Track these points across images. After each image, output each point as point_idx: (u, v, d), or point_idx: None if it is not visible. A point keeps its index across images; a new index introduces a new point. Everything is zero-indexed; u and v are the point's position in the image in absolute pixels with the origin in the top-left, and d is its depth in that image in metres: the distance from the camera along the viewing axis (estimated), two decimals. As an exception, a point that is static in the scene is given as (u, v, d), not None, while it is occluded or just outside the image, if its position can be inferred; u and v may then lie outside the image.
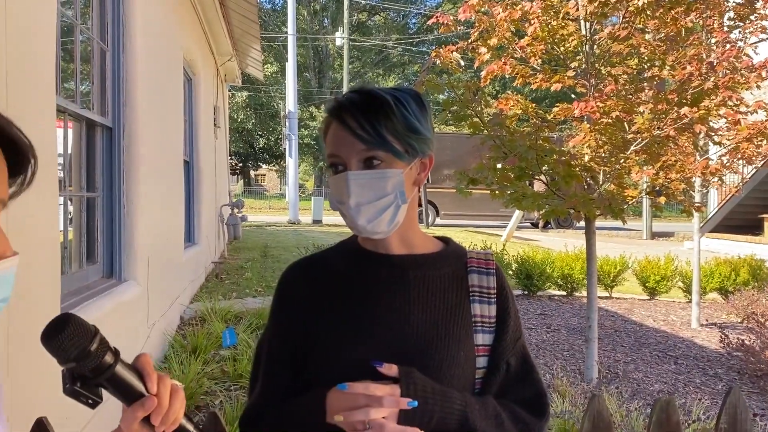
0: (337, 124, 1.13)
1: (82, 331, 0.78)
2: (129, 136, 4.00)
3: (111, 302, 3.41)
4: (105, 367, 0.78)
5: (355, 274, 1.20)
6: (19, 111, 2.22)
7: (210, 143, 8.23)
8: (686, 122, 4.22)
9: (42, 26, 2.46)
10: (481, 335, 1.18)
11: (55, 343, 0.76)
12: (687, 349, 5.73)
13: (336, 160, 1.14)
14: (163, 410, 0.83)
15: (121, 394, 0.81)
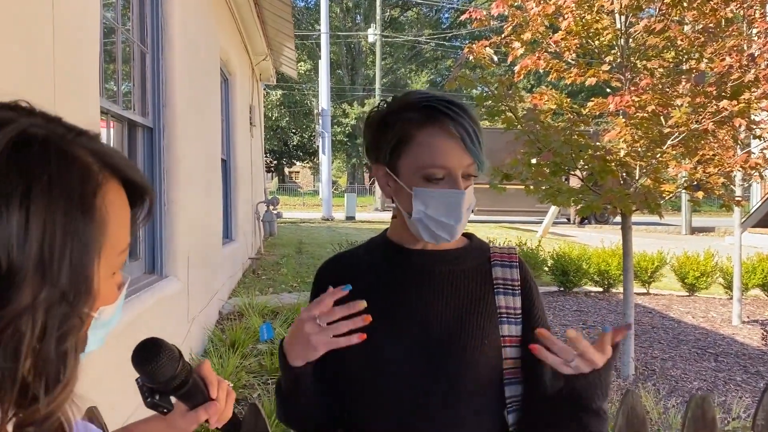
0: (442, 131, 1.12)
1: (172, 357, 0.84)
2: (169, 136, 4.10)
3: (153, 297, 3.51)
4: (184, 385, 0.86)
5: (385, 268, 1.25)
6: (66, 112, 2.31)
7: (246, 142, 8.36)
8: (725, 116, 4.15)
9: (87, 31, 2.56)
10: (507, 326, 1.22)
11: (148, 369, 0.83)
12: (727, 347, 5.62)
13: (439, 172, 1.13)
14: (221, 412, 0.91)
15: (189, 401, 0.89)
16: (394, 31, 40.54)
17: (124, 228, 0.65)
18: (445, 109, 1.12)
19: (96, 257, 0.59)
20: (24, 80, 1.99)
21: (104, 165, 0.62)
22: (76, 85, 2.42)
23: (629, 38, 4.56)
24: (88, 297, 0.58)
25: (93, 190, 0.59)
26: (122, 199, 0.65)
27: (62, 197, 0.56)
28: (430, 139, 1.12)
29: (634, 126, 4.33)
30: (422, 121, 1.13)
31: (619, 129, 4.37)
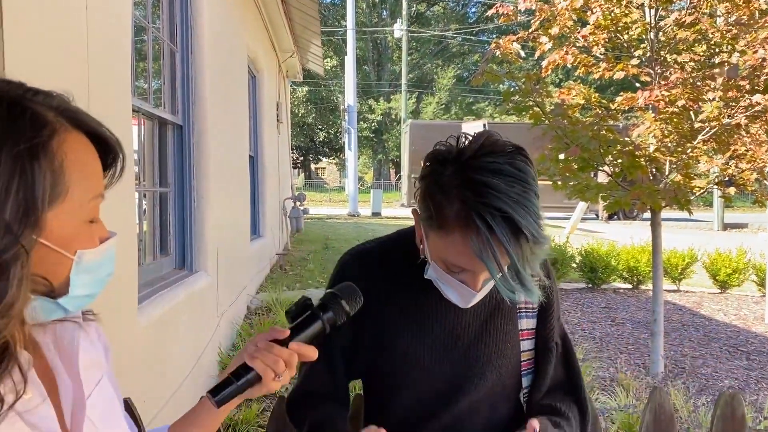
0: (477, 240, 0.99)
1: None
2: (198, 133, 4.16)
3: (184, 292, 3.57)
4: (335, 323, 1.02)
5: (411, 268, 1.23)
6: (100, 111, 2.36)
7: (273, 138, 8.43)
8: (758, 110, 4.07)
9: (120, 30, 2.61)
10: (525, 320, 1.25)
11: (355, 301, 1.03)
12: (760, 345, 5.52)
13: (459, 271, 1.09)
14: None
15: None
16: (421, 26, 40.43)
17: (92, 177, 0.73)
18: (493, 227, 0.97)
19: (52, 198, 0.65)
20: (58, 79, 2.04)
21: (64, 117, 0.70)
22: (109, 84, 2.47)
23: (659, 32, 4.50)
24: (35, 229, 0.64)
25: (47, 135, 0.66)
26: (87, 149, 0.73)
27: (10, 140, 0.63)
28: (463, 241, 1.02)
29: (663, 121, 4.27)
30: (463, 220, 1.01)
31: (649, 124, 4.32)
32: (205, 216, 4.17)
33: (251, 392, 0.94)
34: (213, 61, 4.44)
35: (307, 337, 0.97)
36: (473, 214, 0.97)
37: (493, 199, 0.96)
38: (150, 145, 3.83)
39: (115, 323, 2.50)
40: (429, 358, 1.20)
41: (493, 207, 0.96)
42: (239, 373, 0.93)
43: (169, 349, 3.29)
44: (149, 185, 3.85)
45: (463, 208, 0.99)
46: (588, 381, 4.27)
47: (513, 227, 0.96)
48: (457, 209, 1.00)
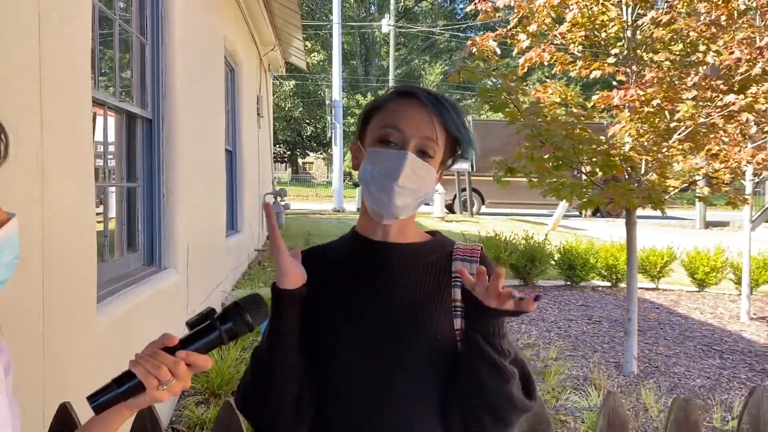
0: (408, 101, 1.17)
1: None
2: (168, 127, 4.09)
3: (149, 289, 3.50)
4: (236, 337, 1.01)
5: (350, 263, 1.25)
6: (54, 103, 2.30)
7: (253, 132, 8.35)
8: (733, 110, 4.06)
9: (77, 19, 2.54)
10: (460, 320, 1.19)
11: (259, 314, 1.01)
12: (734, 343, 5.55)
13: (392, 134, 1.16)
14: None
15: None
16: (408, 21, 40.33)
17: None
18: (420, 90, 1.17)
19: None
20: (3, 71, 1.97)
21: None
22: (65, 76, 2.41)
23: (636, 30, 4.49)
24: None
25: None
26: None
27: None
28: (394, 105, 1.17)
29: (639, 120, 4.26)
30: (396, 96, 1.19)
31: (624, 123, 4.31)
32: (175, 211, 4.10)
33: (136, 402, 0.91)
34: (186, 54, 4.37)
35: (201, 347, 0.95)
36: (410, 88, 1.19)
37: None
38: (118, 140, 3.76)
39: (71, 322, 2.45)
40: (360, 352, 1.18)
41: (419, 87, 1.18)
42: (122, 379, 0.90)
43: (132, 349, 3.21)
44: (117, 180, 3.78)
45: (398, 90, 1.20)
46: (561, 380, 4.26)
47: (438, 94, 1.18)
48: (393, 93, 1.21)
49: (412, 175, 1.13)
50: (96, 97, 3.05)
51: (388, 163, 1.13)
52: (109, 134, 3.73)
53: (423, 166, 1.14)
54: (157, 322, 3.70)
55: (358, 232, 1.29)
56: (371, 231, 1.25)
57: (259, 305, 1.01)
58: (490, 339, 1.10)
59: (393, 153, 1.13)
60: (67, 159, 2.42)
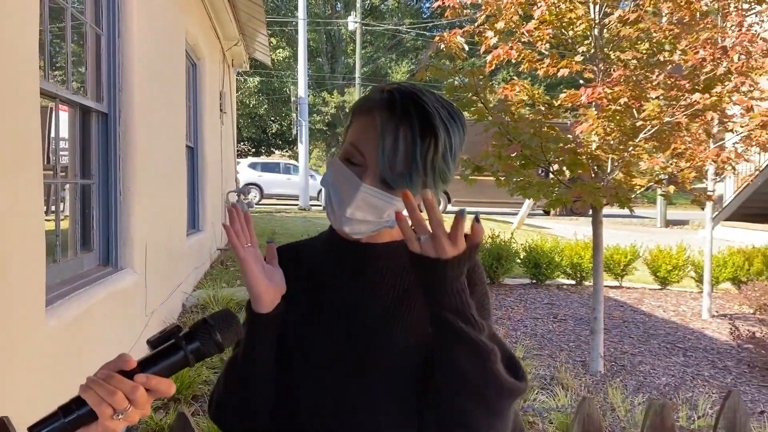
0: (382, 120, 1.01)
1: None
2: (125, 122, 3.93)
3: (105, 290, 3.36)
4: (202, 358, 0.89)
5: (324, 264, 1.18)
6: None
7: (216, 129, 8.16)
8: (698, 109, 4.08)
9: (23, 9, 2.39)
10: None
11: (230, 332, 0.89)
12: (696, 341, 5.61)
13: (355, 156, 1.04)
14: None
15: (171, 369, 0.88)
16: (375, 19, 40.24)
17: None
18: (397, 100, 1.01)
19: None
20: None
21: None
22: (8, 67, 2.26)
23: (603, 29, 4.48)
24: None
25: None
26: None
27: None
28: (363, 121, 1.04)
29: (606, 119, 4.25)
30: (373, 103, 1.04)
31: (591, 121, 4.29)
32: (132, 209, 3.95)
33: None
34: (145, 46, 4.21)
35: (164, 369, 0.83)
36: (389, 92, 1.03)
37: (400, 86, 1.05)
38: (72, 134, 3.59)
39: (17, 326, 2.30)
40: (330, 358, 1.10)
41: (402, 88, 1.04)
42: (70, 406, 0.78)
43: (85, 353, 3.09)
44: (70, 177, 3.61)
45: (379, 95, 1.05)
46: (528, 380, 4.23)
47: (420, 103, 1.00)
48: (374, 100, 1.05)
49: (364, 206, 1.03)
50: (45, 89, 2.89)
51: (343, 186, 1.04)
52: (62, 129, 3.56)
53: (381, 197, 1.02)
54: (113, 325, 3.55)
55: (334, 230, 1.20)
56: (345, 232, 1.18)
57: (230, 323, 0.90)
58: (460, 310, 0.97)
59: (349, 177, 1.03)
60: (11, 154, 2.27)
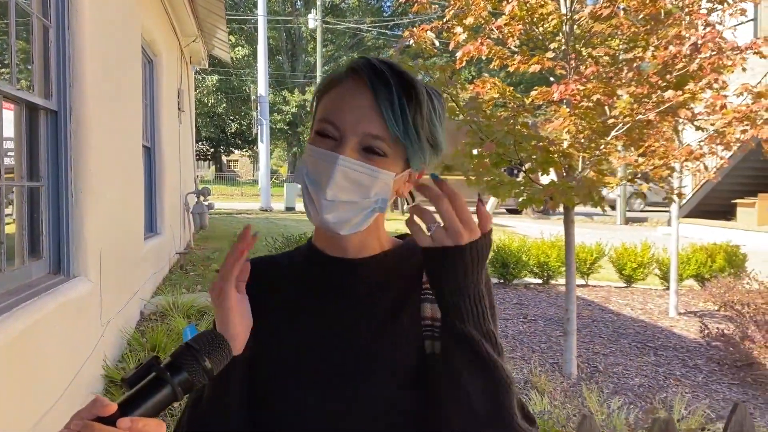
0: (353, 86, 0.90)
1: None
2: (77, 120, 3.68)
3: (55, 301, 3.13)
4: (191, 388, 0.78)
5: (304, 282, 1.02)
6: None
7: (174, 128, 7.88)
8: (669, 106, 4.04)
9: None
10: (432, 342, 0.96)
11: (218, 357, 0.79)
12: (666, 340, 5.61)
13: (329, 129, 0.90)
14: None
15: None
16: (335, 17, 39.99)
17: None
18: (373, 61, 0.91)
19: None
20: None
21: None
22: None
23: (574, 24, 4.41)
24: None
25: None
26: None
27: None
28: (335, 92, 0.93)
29: (577, 116, 4.17)
30: (344, 75, 0.93)
31: (563, 119, 4.21)
32: (85, 213, 3.70)
33: None
34: (96, 40, 3.97)
35: (150, 409, 0.71)
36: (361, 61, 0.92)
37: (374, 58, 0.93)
38: (17, 133, 3.34)
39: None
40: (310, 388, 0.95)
41: (376, 59, 0.92)
42: None
43: (34, 368, 2.86)
44: (17, 179, 3.36)
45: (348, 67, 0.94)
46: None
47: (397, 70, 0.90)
48: (342, 72, 0.94)
49: (347, 184, 0.89)
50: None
51: (319, 166, 0.90)
52: (7, 128, 3.31)
53: (363, 170, 0.89)
54: (66, 338, 3.31)
55: (314, 244, 1.05)
56: (327, 245, 1.02)
57: (219, 344, 0.79)
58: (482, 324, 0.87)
59: (324, 155, 0.89)
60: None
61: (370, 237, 1.01)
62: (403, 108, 0.88)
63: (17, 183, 3.35)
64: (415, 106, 0.89)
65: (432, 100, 0.93)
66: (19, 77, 3.53)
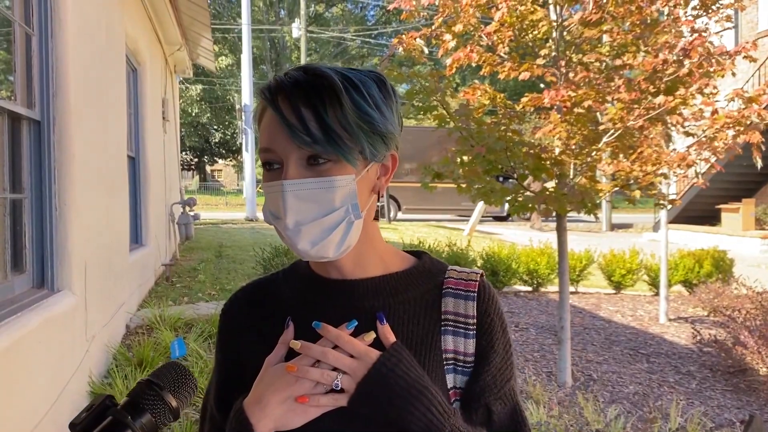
0: (271, 111, 0.87)
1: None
2: (60, 130, 3.59)
3: (39, 316, 3.03)
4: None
5: (304, 305, 0.95)
6: None
7: (158, 138, 7.78)
8: (659, 112, 4.03)
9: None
10: (454, 375, 0.91)
11: (186, 391, 0.75)
12: (658, 346, 5.59)
13: (270, 157, 0.87)
14: None
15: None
16: (319, 26, 40.01)
17: None
18: (281, 78, 0.88)
19: None
20: None
21: None
22: None
23: (564, 31, 4.39)
24: None
25: None
26: None
27: None
28: (265, 118, 0.89)
29: (568, 122, 4.15)
30: (265, 101, 0.90)
31: (554, 125, 4.19)
32: (69, 226, 3.60)
33: None
34: (80, 48, 3.88)
35: None
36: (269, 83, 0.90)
37: (276, 78, 0.90)
38: (-1, 144, 3.25)
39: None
40: (322, 423, 0.86)
41: (277, 77, 0.90)
42: None
43: (18, 385, 2.77)
44: (-2, 191, 3.26)
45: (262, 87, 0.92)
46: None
47: (302, 72, 0.88)
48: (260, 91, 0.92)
49: (302, 207, 0.83)
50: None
51: (273, 200, 0.86)
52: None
53: (312, 185, 0.83)
54: (50, 354, 3.21)
55: (311, 266, 0.98)
56: (323, 269, 0.95)
57: (181, 378, 0.72)
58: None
59: (271, 186, 0.86)
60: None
61: (366, 254, 0.94)
62: (315, 116, 0.83)
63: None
64: (328, 107, 0.83)
65: (357, 88, 0.86)
66: (1, 86, 3.44)
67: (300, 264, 1.01)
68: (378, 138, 0.87)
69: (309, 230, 0.84)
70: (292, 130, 0.82)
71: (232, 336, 0.98)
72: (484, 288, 0.96)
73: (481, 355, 0.92)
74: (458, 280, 0.96)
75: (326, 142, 0.82)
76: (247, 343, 0.95)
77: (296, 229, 0.84)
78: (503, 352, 0.94)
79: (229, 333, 0.99)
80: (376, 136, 0.86)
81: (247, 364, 0.93)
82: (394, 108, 0.90)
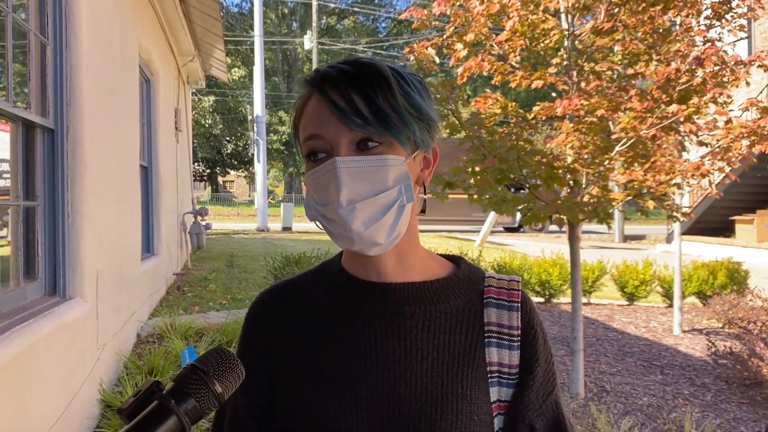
0: (318, 98, 0.85)
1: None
2: (74, 138, 3.62)
3: (51, 323, 3.04)
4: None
5: (337, 310, 0.91)
6: None
7: (171, 148, 7.83)
8: (672, 121, 4.00)
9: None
10: (498, 388, 0.89)
11: (233, 377, 0.72)
12: (672, 358, 5.52)
13: (316, 145, 0.85)
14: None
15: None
16: (331, 38, 40.24)
17: None
18: (327, 69, 0.87)
19: None
20: None
21: None
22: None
23: (576, 39, 4.38)
24: None
25: None
26: None
27: None
28: (308, 108, 0.88)
29: (580, 131, 4.13)
30: (306, 93, 0.89)
31: (566, 134, 4.17)
32: (81, 234, 3.62)
33: None
34: (94, 58, 3.92)
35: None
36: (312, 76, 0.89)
37: (323, 67, 0.89)
38: (14, 152, 3.27)
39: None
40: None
41: (325, 67, 0.88)
42: None
43: (29, 393, 2.77)
44: (12, 198, 3.29)
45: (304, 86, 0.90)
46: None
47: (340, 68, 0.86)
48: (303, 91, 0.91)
49: (353, 183, 0.81)
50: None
51: (323, 184, 0.83)
52: (3, 147, 3.25)
53: (367, 161, 0.82)
54: (61, 361, 3.22)
55: (344, 268, 0.95)
56: (361, 269, 0.92)
57: (228, 363, 0.70)
58: None
59: (321, 168, 0.83)
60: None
61: (409, 254, 0.92)
62: (367, 101, 0.82)
63: (13, 202, 3.27)
64: (379, 92, 0.83)
65: (404, 78, 0.87)
66: (16, 95, 3.47)
67: (330, 265, 0.98)
68: (424, 125, 0.87)
69: (363, 208, 0.81)
70: (342, 113, 0.82)
71: (254, 342, 0.95)
72: (526, 299, 0.94)
73: (525, 367, 0.91)
74: (499, 290, 0.94)
75: (378, 123, 0.81)
76: (271, 350, 0.92)
77: (350, 207, 0.81)
78: (545, 364, 0.93)
79: (250, 338, 0.96)
80: (423, 122, 0.86)
81: (276, 372, 0.91)
82: (431, 103, 0.91)
